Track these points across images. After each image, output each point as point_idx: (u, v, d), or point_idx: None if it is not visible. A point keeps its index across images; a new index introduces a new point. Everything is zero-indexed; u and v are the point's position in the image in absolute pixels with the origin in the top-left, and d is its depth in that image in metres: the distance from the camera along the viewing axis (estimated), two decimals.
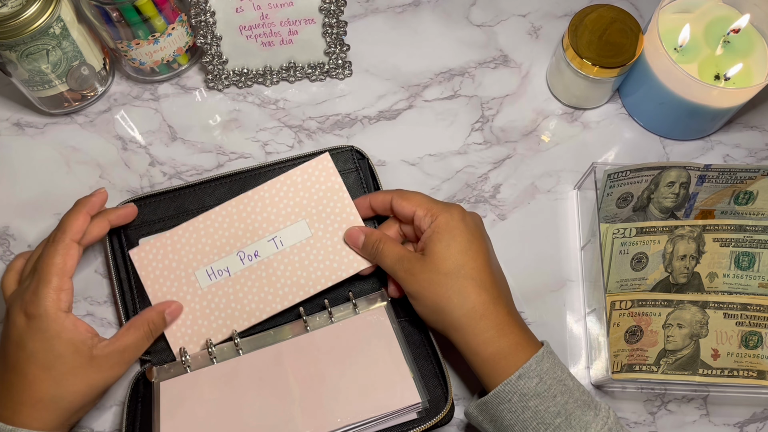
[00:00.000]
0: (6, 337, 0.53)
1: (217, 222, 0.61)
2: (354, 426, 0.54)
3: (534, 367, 0.52)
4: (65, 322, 0.52)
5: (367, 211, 0.61)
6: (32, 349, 0.52)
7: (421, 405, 0.55)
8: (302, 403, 0.55)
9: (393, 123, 0.72)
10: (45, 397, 0.51)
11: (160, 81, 0.72)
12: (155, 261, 0.60)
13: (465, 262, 0.54)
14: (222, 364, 0.58)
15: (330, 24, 0.68)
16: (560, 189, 0.70)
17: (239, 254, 0.60)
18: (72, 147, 0.70)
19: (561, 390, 0.52)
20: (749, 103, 0.70)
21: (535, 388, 0.51)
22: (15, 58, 0.61)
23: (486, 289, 0.54)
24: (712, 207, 0.66)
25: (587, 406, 0.52)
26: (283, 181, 0.61)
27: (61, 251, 0.54)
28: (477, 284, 0.54)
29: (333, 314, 0.60)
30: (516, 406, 0.51)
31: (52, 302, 0.52)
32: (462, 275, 0.54)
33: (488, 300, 0.54)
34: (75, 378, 0.52)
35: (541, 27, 0.76)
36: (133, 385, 0.58)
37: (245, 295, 0.60)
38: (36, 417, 0.51)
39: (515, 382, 0.51)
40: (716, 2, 0.68)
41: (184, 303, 0.60)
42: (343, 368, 0.57)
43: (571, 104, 0.72)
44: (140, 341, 0.56)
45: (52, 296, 0.52)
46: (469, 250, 0.55)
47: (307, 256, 0.60)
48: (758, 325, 0.62)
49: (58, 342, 0.52)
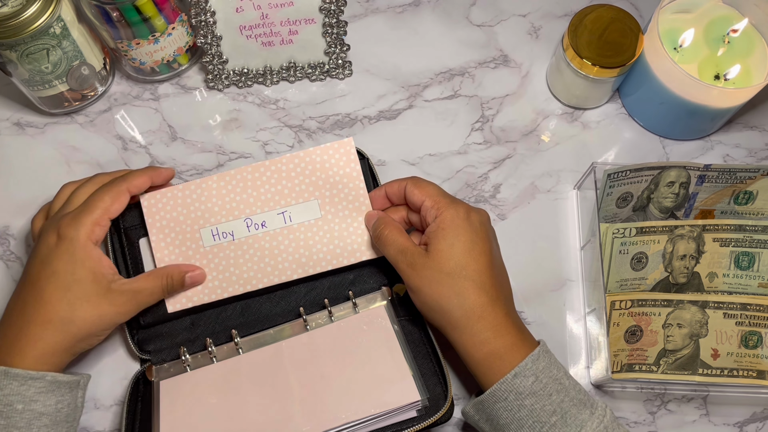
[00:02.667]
0: (33, 255, 0.55)
1: (230, 185, 0.61)
2: (354, 423, 0.54)
3: (530, 366, 0.52)
4: (92, 251, 0.55)
5: (384, 201, 0.61)
6: (55, 268, 0.54)
7: (420, 403, 0.55)
8: (302, 402, 0.55)
9: (393, 123, 0.72)
10: (55, 318, 0.53)
11: (160, 81, 0.72)
12: (163, 211, 0.61)
13: (467, 263, 0.54)
14: (222, 363, 0.58)
15: (330, 24, 0.68)
16: (560, 189, 0.70)
17: (246, 221, 0.61)
18: (72, 147, 0.70)
19: (557, 389, 0.52)
20: (749, 103, 0.70)
21: (531, 386, 0.51)
22: (15, 58, 0.61)
23: (486, 290, 0.54)
24: (712, 207, 0.66)
25: (583, 405, 0.52)
26: (302, 158, 0.61)
27: (113, 194, 0.57)
28: (477, 286, 0.54)
29: (333, 313, 0.60)
30: (512, 404, 0.51)
31: (86, 230, 0.54)
32: (463, 276, 0.54)
33: (487, 302, 0.54)
34: (88, 305, 0.54)
35: (541, 27, 0.76)
36: (133, 384, 0.59)
37: (245, 261, 0.60)
38: (42, 336, 0.53)
39: (511, 381, 0.51)
40: (716, 2, 0.68)
41: (186, 258, 0.60)
42: (343, 367, 0.57)
43: (571, 104, 0.73)
44: (156, 289, 0.58)
45: (88, 225, 0.55)
46: (472, 250, 0.55)
47: (313, 236, 0.61)
48: (758, 324, 0.62)
49: (81, 267, 0.54)
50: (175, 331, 0.61)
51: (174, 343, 0.61)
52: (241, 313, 0.62)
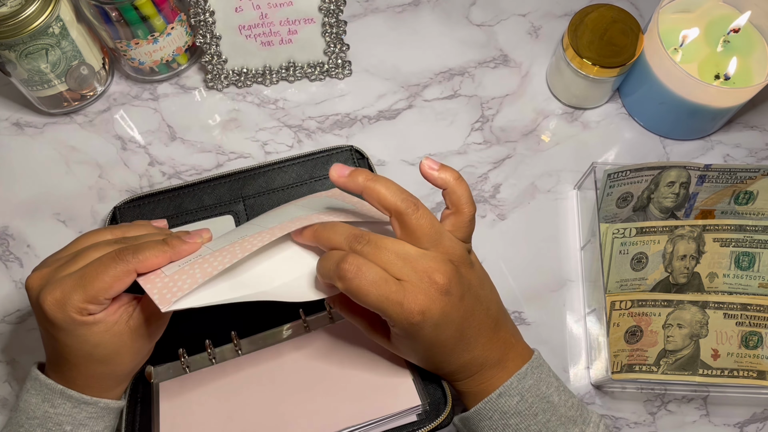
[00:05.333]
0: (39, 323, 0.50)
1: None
2: (354, 428, 0.54)
3: (515, 385, 0.50)
4: (94, 322, 0.48)
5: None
6: (65, 343, 0.48)
7: (420, 407, 0.55)
8: (301, 405, 0.55)
9: (393, 123, 0.72)
10: (95, 374, 0.50)
11: (159, 81, 0.72)
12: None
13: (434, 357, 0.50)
14: (221, 365, 0.58)
15: (329, 23, 0.68)
16: (560, 189, 0.70)
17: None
18: (71, 147, 0.70)
19: (543, 408, 0.50)
20: (749, 103, 0.70)
21: (516, 406, 0.50)
22: (14, 58, 0.61)
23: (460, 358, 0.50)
24: (712, 207, 0.66)
25: (572, 422, 0.50)
26: None
27: (118, 273, 0.47)
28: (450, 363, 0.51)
29: (333, 315, 0.60)
30: (496, 423, 0.50)
31: (75, 311, 0.47)
32: (433, 363, 0.51)
33: (476, 357, 0.51)
34: (120, 356, 0.50)
35: (541, 27, 0.76)
36: (132, 385, 0.58)
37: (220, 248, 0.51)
38: (92, 385, 0.51)
39: (495, 401, 0.50)
40: (716, 2, 0.68)
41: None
42: (342, 370, 0.56)
43: (571, 104, 0.72)
44: None
45: (77, 305, 0.46)
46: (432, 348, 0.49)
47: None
48: (758, 325, 0.62)
49: (91, 335, 0.48)
50: (174, 332, 0.61)
51: (173, 345, 0.60)
52: (240, 313, 0.61)
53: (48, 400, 0.50)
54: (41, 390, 0.51)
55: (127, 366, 0.52)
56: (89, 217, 0.67)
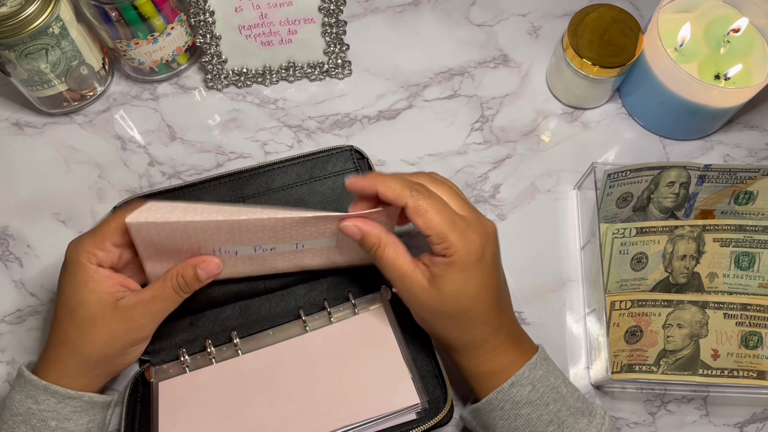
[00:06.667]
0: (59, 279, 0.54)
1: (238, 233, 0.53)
2: (353, 426, 0.54)
3: (527, 375, 0.51)
4: (94, 272, 0.52)
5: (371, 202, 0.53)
6: (62, 290, 0.53)
7: (420, 405, 0.55)
8: (301, 404, 0.55)
9: (393, 123, 0.72)
10: (67, 340, 0.52)
11: (159, 81, 0.72)
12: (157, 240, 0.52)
13: (474, 305, 0.51)
14: (221, 365, 0.58)
15: (329, 23, 0.68)
16: (560, 189, 0.70)
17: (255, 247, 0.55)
18: (71, 147, 0.70)
19: (554, 398, 0.51)
20: (749, 103, 0.70)
21: (528, 396, 0.51)
22: (14, 58, 0.61)
23: (489, 323, 0.52)
24: (712, 207, 0.66)
25: (581, 413, 0.51)
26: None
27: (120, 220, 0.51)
28: (481, 322, 0.52)
29: (332, 315, 0.60)
30: (508, 413, 0.51)
31: (85, 251, 0.51)
32: (468, 317, 0.52)
33: (488, 332, 0.52)
34: (95, 326, 0.52)
35: (541, 27, 0.76)
36: (131, 385, 0.58)
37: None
38: (58, 359, 0.52)
39: (507, 390, 0.51)
40: (716, 2, 0.68)
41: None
42: (342, 369, 0.56)
43: (571, 104, 0.72)
44: (167, 293, 0.53)
45: (88, 247, 0.51)
46: (479, 292, 0.51)
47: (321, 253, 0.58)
48: (758, 325, 0.62)
49: (83, 289, 0.51)
50: (173, 331, 0.61)
51: (173, 344, 0.60)
52: (240, 314, 0.61)
53: (31, 397, 0.51)
54: (25, 386, 0.52)
55: (95, 346, 0.52)
56: (89, 217, 0.67)
